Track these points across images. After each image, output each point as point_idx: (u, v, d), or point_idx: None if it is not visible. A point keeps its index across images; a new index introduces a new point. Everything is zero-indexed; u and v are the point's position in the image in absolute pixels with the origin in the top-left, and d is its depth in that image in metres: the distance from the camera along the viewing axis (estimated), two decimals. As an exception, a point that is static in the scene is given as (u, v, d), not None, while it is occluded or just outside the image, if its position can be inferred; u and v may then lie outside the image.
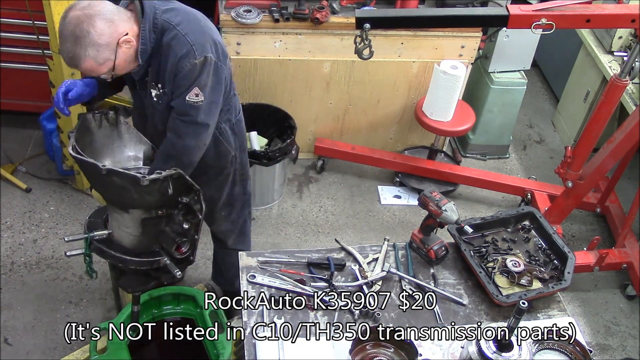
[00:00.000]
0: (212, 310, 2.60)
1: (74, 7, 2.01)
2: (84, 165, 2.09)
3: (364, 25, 2.59)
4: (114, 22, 2.04)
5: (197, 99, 2.20)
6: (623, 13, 2.66)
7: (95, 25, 1.99)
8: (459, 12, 2.92)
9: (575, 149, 3.30)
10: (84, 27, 1.98)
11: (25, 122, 4.04)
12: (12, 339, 3.01)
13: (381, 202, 3.99)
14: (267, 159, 3.49)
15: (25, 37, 3.54)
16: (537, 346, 2.00)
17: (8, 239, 3.44)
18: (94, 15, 2.00)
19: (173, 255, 2.26)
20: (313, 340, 2.02)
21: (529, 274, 2.22)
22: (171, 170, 2.06)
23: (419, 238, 2.32)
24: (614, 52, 3.96)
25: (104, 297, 3.20)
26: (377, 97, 3.93)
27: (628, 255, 3.47)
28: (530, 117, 4.80)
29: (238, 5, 3.49)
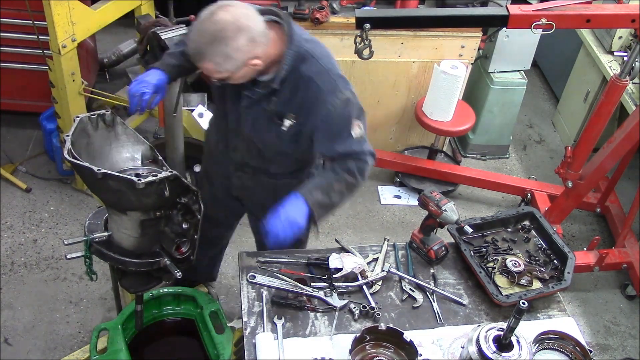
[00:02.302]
0: (212, 311, 2.60)
1: (227, 9, 1.92)
2: (79, 169, 2.08)
3: (364, 25, 2.59)
4: (255, 42, 1.95)
5: (360, 132, 2.13)
6: (623, 13, 2.66)
7: (238, 39, 1.91)
8: (459, 12, 2.93)
9: (575, 149, 3.30)
10: (227, 34, 1.90)
11: (25, 122, 4.04)
12: (12, 339, 3.01)
13: (381, 202, 3.99)
14: (267, 159, 3.48)
15: (25, 37, 3.54)
16: (537, 346, 2.00)
17: (8, 239, 3.44)
18: (243, 29, 1.91)
19: (173, 255, 2.26)
20: (313, 340, 2.02)
21: (529, 274, 2.23)
22: (167, 172, 2.06)
23: (419, 238, 2.32)
24: (614, 52, 3.96)
25: (104, 297, 3.20)
26: (377, 97, 3.93)
27: (628, 255, 3.47)
28: (530, 117, 4.80)
29: (238, 5, 3.49)
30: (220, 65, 1.97)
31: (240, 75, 2.03)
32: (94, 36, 3.82)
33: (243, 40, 1.92)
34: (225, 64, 1.96)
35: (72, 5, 3.01)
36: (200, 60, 1.98)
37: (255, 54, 1.98)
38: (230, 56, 1.94)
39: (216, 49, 1.93)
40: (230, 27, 1.91)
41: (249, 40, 1.94)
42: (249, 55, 1.96)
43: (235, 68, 1.98)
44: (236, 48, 1.93)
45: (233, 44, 1.92)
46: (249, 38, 1.93)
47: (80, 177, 2.73)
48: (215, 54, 1.94)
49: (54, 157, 3.82)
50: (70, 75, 3.19)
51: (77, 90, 3.29)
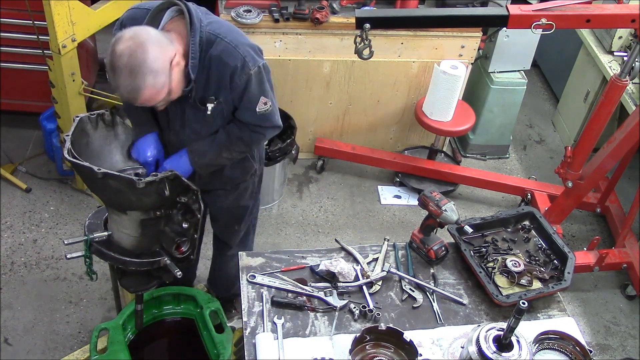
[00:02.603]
0: (212, 310, 2.60)
1: (120, 39, 1.95)
2: (79, 169, 2.08)
3: (364, 25, 2.59)
4: (162, 45, 2.00)
5: (267, 107, 2.24)
6: (623, 13, 2.66)
7: (148, 51, 1.94)
8: (459, 12, 2.92)
9: (575, 149, 3.30)
10: (139, 55, 1.93)
11: (25, 122, 4.04)
12: (12, 339, 3.01)
13: (381, 202, 3.99)
14: (267, 159, 3.49)
15: (25, 37, 3.54)
16: (537, 346, 2.00)
17: (8, 239, 3.44)
18: (144, 41, 1.94)
19: (173, 255, 2.26)
20: (313, 340, 2.02)
21: (529, 274, 2.22)
22: (167, 172, 2.06)
23: (419, 238, 2.32)
24: (614, 52, 3.96)
25: (104, 297, 3.20)
26: (377, 97, 3.93)
27: (628, 255, 3.47)
28: (530, 117, 4.80)
29: (238, 5, 3.49)
30: (156, 84, 1.99)
31: (175, 82, 2.06)
32: (94, 36, 3.82)
33: (153, 49, 1.96)
34: (158, 78, 1.99)
35: (72, 5, 3.01)
36: (137, 95, 1.99)
37: (170, 55, 2.02)
38: (155, 70, 1.96)
39: (141, 73, 1.95)
40: (135, 47, 1.94)
41: (157, 46, 1.98)
42: (167, 58, 2.00)
43: (166, 76, 2.01)
44: (154, 59, 1.96)
45: (148, 57, 1.94)
46: (155, 44, 1.97)
47: (80, 177, 2.73)
48: (143, 77, 1.95)
49: (54, 157, 3.82)
50: (70, 75, 3.19)
51: (77, 90, 3.29)
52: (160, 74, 1.98)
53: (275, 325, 2.04)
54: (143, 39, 1.95)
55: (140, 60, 1.93)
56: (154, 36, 1.99)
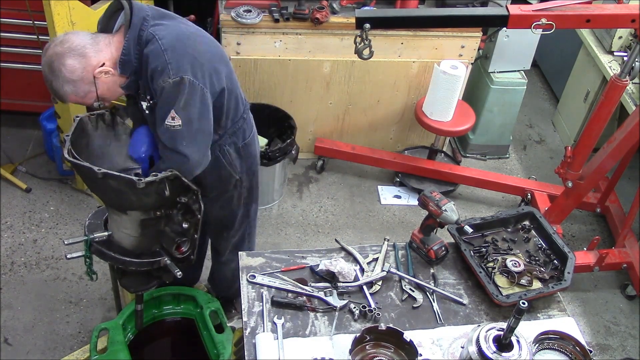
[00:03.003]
0: (212, 310, 2.60)
1: (52, 43, 2.05)
2: (79, 169, 2.08)
3: (364, 25, 2.59)
4: (85, 56, 2.03)
5: (173, 123, 2.06)
6: (623, 13, 2.66)
7: (65, 63, 2.02)
8: (459, 12, 2.92)
9: (575, 149, 3.30)
10: (55, 66, 2.02)
11: (25, 122, 4.04)
12: (12, 339, 3.01)
13: (381, 202, 3.99)
14: (267, 159, 3.49)
15: (25, 37, 3.54)
16: (537, 346, 2.00)
17: (8, 239, 3.44)
18: (64, 53, 2.01)
19: (173, 255, 2.26)
20: (313, 340, 2.02)
21: (529, 274, 2.22)
22: (167, 172, 2.05)
23: (419, 238, 2.32)
24: (614, 52, 3.96)
25: (104, 297, 3.20)
26: (377, 97, 3.93)
27: (628, 255, 3.47)
28: (530, 117, 4.80)
29: (238, 5, 3.49)
30: (77, 92, 2.07)
31: (103, 89, 2.11)
32: (94, 36, 3.82)
33: (70, 61, 2.02)
34: (78, 88, 2.06)
35: (72, 5, 3.01)
36: (61, 98, 2.11)
37: (94, 64, 2.05)
38: (72, 80, 2.04)
39: (59, 81, 2.04)
40: (54, 58, 2.02)
41: (77, 56, 2.03)
42: (89, 69, 2.05)
43: (89, 85, 2.07)
44: (71, 70, 2.02)
45: (64, 69, 2.02)
46: (76, 55, 2.02)
47: (80, 177, 2.73)
48: (62, 85, 2.05)
49: (54, 157, 3.82)
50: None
51: (77, 90, 3.28)
52: (78, 83, 2.05)
53: (275, 325, 2.04)
54: (65, 48, 2.02)
55: (57, 71, 2.03)
56: (80, 46, 2.03)
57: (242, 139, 2.46)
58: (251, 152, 2.53)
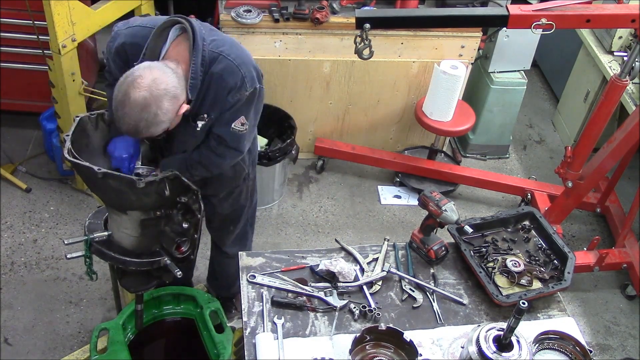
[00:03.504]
0: (212, 310, 2.60)
1: (137, 84, 1.92)
2: (79, 169, 2.08)
3: (364, 25, 2.59)
4: (177, 97, 2.00)
5: (242, 128, 2.20)
6: (623, 13, 2.66)
7: (163, 107, 1.95)
8: (459, 12, 2.92)
9: (575, 149, 3.30)
10: (152, 109, 1.94)
11: (25, 122, 4.04)
12: (12, 339, 3.01)
13: (381, 202, 3.99)
14: (267, 159, 3.49)
15: (25, 37, 3.54)
16: (537, 346, 2.00)
17: (8, 239, 3.44)
18: (162, 96, 1.94)
19: (173, 255, 2.26)
20: (313, 340, 2.02)
21: (529, 274, 2.22)
22: (167, 171, 2.06)
23: (419, 238, 2.32)
24: (614, 52, 3.96)
25: (104, 297, 3.20)
26: (377, 97, 3.93)
27: (628, 255, 3.47)
28: (530, 117, 4.80)
29: (238, 5, 3.49)
30: (157, 130, 2.02)
31: (174, 123, 2.08)
32: (94, 36, 3.82)
33: (167, 104, 1.97)
34: (160, 126, 2.02)
35: (72, 5, 3.01)
36: (137, 135, 2.04)
37: (180, 104, 2.03)
38: (162, 121, 1.99)
39: (147, 123, 1.97)
40: (151, 101, 1.94)
41: (171, 99, 1.98)
42: (176, 109, 2.02)
43: (169, 124, 2.04)
44: (165, 113, 1.98)
45: (160, 113, 1.96)
46: (170, 98, 1.97)
47: (80, 176, 2.72)
48: (148, 127, 1.98)
49: (54, 157, 3.82)
50: (70, 75, 3.19)
51: (77, 90, 3.29)
52: (165, 122, 2.01)
53: (275, 325, 2.04)
54: (161, 91, 1.94)
55: (153, 115, 1.95)
56: (171, 87, 1.97)
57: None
58: (255, 144, 2.63)
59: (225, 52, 2.10)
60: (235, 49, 2.15)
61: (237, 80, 2.10)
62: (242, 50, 2.18)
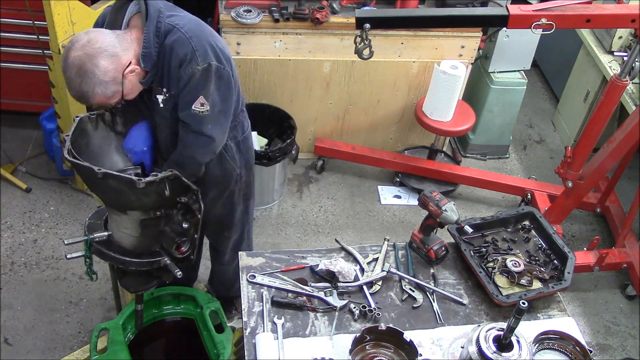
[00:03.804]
0: (212, 310, 2.60)
1: (74, 46, 1.97)
2: (79, 169, 2.08)
3: (364, 25, 2.59)
4: (116, 55, 2.01)
5: (202, 109, 2.15)
6: (623, 13, 2.66)
7: (99, 64, 1.97)
8: (459, 12, 2.92)
9: (575, 149, 3.30)
10: (88, 67, 1.96)
11: (25, 122, 4.04)
12: (12, 339, 3.01)
13: (381, 202, 3.99)
14: (267, 159, 3.49)
15: (25, 37, 3.54)
16: (537, 346, 2.00)
17: (8, 239, 3.44)
18: (96, 54, 1.96)
19: (173, 255, 2.26)
20: (313, 340, 2.02)
21: (529, 274, 2.22)
22: (167, 171, 2.06)
23: (419, 238, 2.32)
24: (614, 52, 3.96)
25: (104, 297, 3.20)
26: (377, 97, 3.93)
27: (628, 255, 3.47)
28: (530, 117, 4.80)
29: (238, 5, 3.49)
30: (106, 93, 2.02)
31: (128, 88, 2.09)
32: (94, 36, 3.82)
33: (104, 62, 1.97)
34: (108, 88, 2.02)
35: (72, 5, 3.01)
36: (86, 100, 2.04)
37: (124, 63, 2.03)
38: (105, 81, 1.99)
39: (90, 84, 1.98)
40: (85, 59, 1.96)
41: (109, 56, 1.98)
42: (119, 68, 2.02)
43: (118, 85, 2.03)
44: (104, 72, 1.98)
45: (98, 71, 1.97)
46: (108, 55, 1.98)
47: (80, 176, 2.72)
48: (92, 87, 1.99)
49: (54, 157, 3.82)
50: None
51: (77, 90, 3.28)
52: (109, 84, 2.01)
53: (275, 325, 2.04)
54: (95, 49, 1.97)
55: (90, 73, 1.97)
56: (110, 45, 1.99)
57: (242, 133, 2.51)
58: (249, 146, 2.58)
59: (180, 25, 2.10)
60: (191, 24, 2.13)
61: (186, 51, 2.07)
62: (200, 26, 2.16)
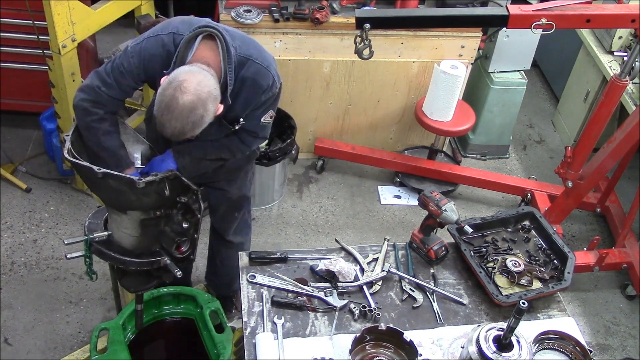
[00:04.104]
0: (212, 310, 2.60)
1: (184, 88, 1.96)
2: (79, 169, 2.09)
3: (364, 25, 2.59)
4: (217, 98, 2.06)
5: (269, 120, 2.35)
6: (623, 13, 2.66)
7: (208, 108, 2.02)
8: (459, 12, 2.92)
9: (575, 149, 3.30)
10: (199, 112, 1.99)
11: (25, 122, 4.04)
12: (12, 339, 3.01)
13: (381, 202, 3.99)
14: (267, 159, 3.49)
15: (25, 37, 3.54)
16: (537, 346, 2.00)
17: (8, 239, 3.44)
18: (207, 99, 2.00)
19: (173, 254, 2.26)
20: (313, 340, 2.02)
21: (529, 274, 2.23)
22: (167, 171, 2.06)
23: (419, 238, 2.32)
24: (614, 52, 3.96)
25: (104, 297, 3.20)
26: (377, 97, 3.93)
27: (628, 255, 3.47)
28: (530, 117, 4.80)
29: (238, 5, 3.49)
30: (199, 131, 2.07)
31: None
32: (94, 36, 3.82)
33: (211, 106, 2.04)
34: (203, 128, 2.07)
35: (72, 5, 3.01)
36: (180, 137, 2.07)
37: (218, 106, 2.09)
38: (205, 122, 2.06)
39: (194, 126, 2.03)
40: (198, 104, 1.99)
41: (214, 101, 2.04)
42: (216, 111, 2.08)
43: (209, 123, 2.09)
44: (209, 114, 2.04)
45: (205, 114, 2.03)
46: (213, 100, 2.04)
47: (80, 176, 2.72)
48: (193, 129, 2.04)
49: (54, 157, 3.82)
50: (70, 75, 3.18)
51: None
52: (207, 124, 2.07)
53: (275, 325, 2.04)
54: (206, 94, 2.00)
55: (200, 117, 2.01)
56: (213, 89, 2.03)
57: None
58: None
59: (254, 56, 2.20)
60: (260, 53, 2.25)
61: (268, 81, 2.23)
62: (264, 51, 2.28)
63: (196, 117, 1.99)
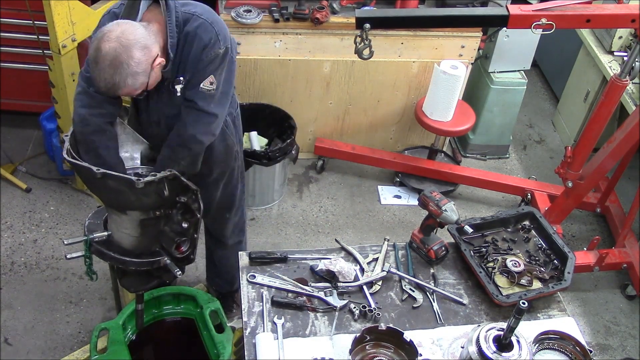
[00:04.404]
0: (212, 310, 2.60)
1: (107, 37, 1.99)
2: (79, 169, 2.09)
3: (364, 25, 2.59)
4: (148, 47, 2.04)
5: (210, 87, 2.22)
6: (623, 13, 2.66)
7: (134, 55, 2.00)
8: (459, 12, 2.92)
9: (575, 149, 3.30)
10: (123, 59, 1.99)
11: (25, 122, 4.04)
12: (12, 339, 3.01)
13: (381, 202, 3.99)
14: (267, 159, 3.49)
15: (25, 37, 3.54)
16: (537, 346, 2.00)
17: (8, 239, 3.44)
18: (131, 45, 1.99)
19: (173, 254, 2.26)
20: (313, 340, 2.02)
21: (529, 274, 2.22)
22: (166, 171, 2.06)
23: (419, 238, 2.32)
24: (614, 52, 3.96)
25: (104, 297, 3.20)
26: (377, 97, 3.93)
27: (628, 255, 3.47)
28: (530, 117, 4.80)
29: (238, 5, 3.49)
30: (135, 84, 2.06)
31: (153, 79, 2.13)
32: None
33: (138, 54, 2.01)
34: (137, 80, 2.05)
35: (72, 5, 3.01)
36: (115, 91, 2.07)
37: (153, 55, 2.07)
38: (136, 72, 2.03)
39: (122, 75, 2.01)
40: (120, 50, 1.99)
41: (142, 49, 2.02)
42: (150, 60, 2.06)
43: (145, 77, 2.08)
44: (137, 63, 2.02)
45: (132, 62, 2.00)
46: (141, 47, 2.02)
47: (80, 177, 2.72)
48: (125, 79, 2.02)
49: (54, 157, 3.82)
50: (70, 75, 3.19)
51: (77, 90, 3.29)
52: (140, 75, 2.04)
53: (275, 325, 2.04)
54: (129, 41, 2.00)
55: (125, 65, 1.99)
56: (141, 37, 2.02)
57: (235, 108, 2.58)
58: (240, 123, 2.67)
59: (198, 12, 2.18)
60: (206, 11, 2.21)
61: (210, 36, 2.16)
62: (214, 13, 2.24)
63: (120, 63, 1.98)
